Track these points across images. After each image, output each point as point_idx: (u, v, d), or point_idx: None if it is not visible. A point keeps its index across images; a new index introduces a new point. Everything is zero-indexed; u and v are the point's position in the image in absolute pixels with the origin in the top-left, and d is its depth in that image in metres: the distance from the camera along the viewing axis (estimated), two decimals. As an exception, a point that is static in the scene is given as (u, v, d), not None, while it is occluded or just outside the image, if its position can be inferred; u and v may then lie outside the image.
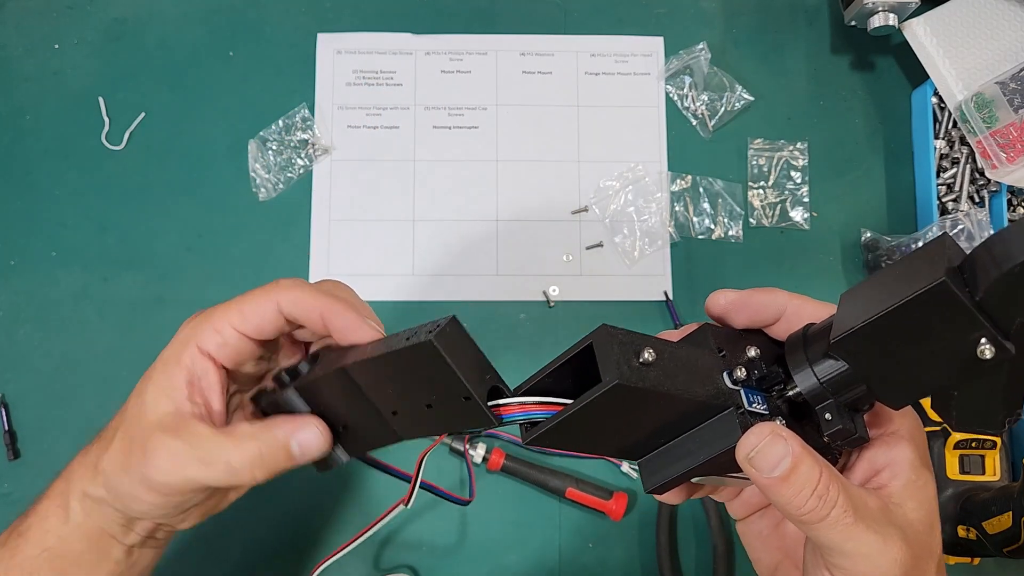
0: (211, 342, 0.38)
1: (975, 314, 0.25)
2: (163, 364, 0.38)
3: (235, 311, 0.38)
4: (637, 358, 0.30)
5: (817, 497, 0.29)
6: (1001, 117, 0.69)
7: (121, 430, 0.38)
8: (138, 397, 0.38)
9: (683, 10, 0.79)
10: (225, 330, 0.38)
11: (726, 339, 0.33)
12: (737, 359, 0.33)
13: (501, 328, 0.72)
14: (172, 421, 0.37)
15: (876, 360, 0.28)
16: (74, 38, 0.75)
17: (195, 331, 0.38)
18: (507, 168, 0.75)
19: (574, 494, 0.67)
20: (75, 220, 0.72)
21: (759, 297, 0.33)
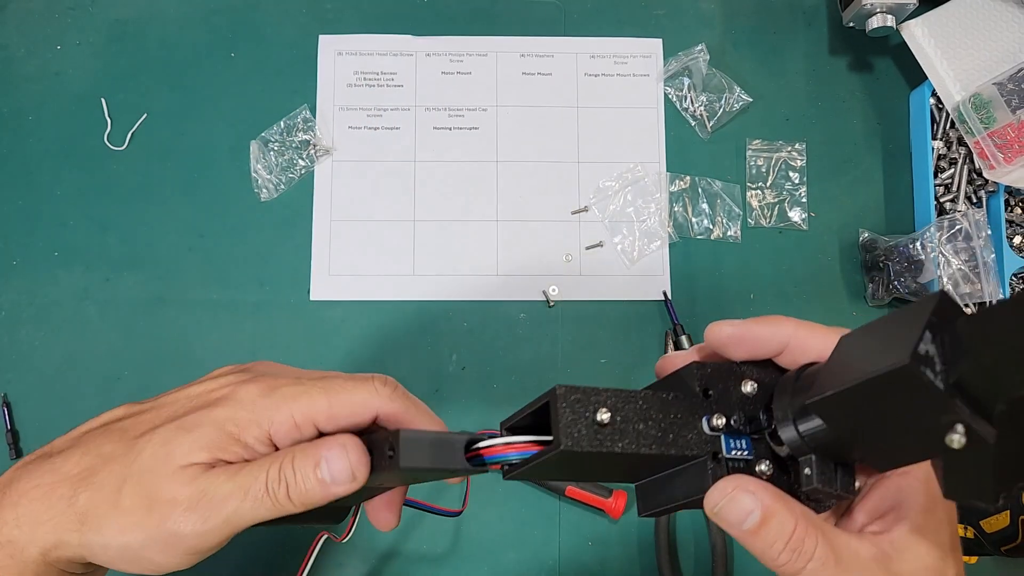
0: (287, 436, 0.33)
1: (945, 398, 0.23)
2: (215, 425, 0.32)
3: (324, 409, 0.33)
4: (592, 419, 0.29)
5: (791, 550, 0.28)
6: (999, 118, 0.69)
7: (132, 483, 0.31)
8: (162, 446, 0.32)
9: (682, 12, 0.79)
10: (306, 427, 0.33)
11: (719, 374, 0.32)
12: (728, 396, 0.31)
13: (501, 328, 0.72)
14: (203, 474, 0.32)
15: (854, 425, 0.27)
16: (76, 39, 0.75)
17: (271, 414, 0.32)
18: (507, 168, 0.75)
19: (574, 492, 0.67)
20: (77, 220, 0.73)
21: (758, 329, 0.31)
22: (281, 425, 0.32)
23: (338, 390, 0.33)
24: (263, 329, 0.71)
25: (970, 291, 0.70)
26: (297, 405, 0.32)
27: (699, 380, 0.31)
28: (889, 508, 0.30)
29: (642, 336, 0.73)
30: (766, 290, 0.74)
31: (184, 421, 0.32)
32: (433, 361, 0.72)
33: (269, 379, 0.34)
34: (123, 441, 0.33)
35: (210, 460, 0.32)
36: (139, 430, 0.33)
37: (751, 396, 0.31)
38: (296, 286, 0.72)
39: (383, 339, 0.72)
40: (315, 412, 0.33)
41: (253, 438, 0.32)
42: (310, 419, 0.32)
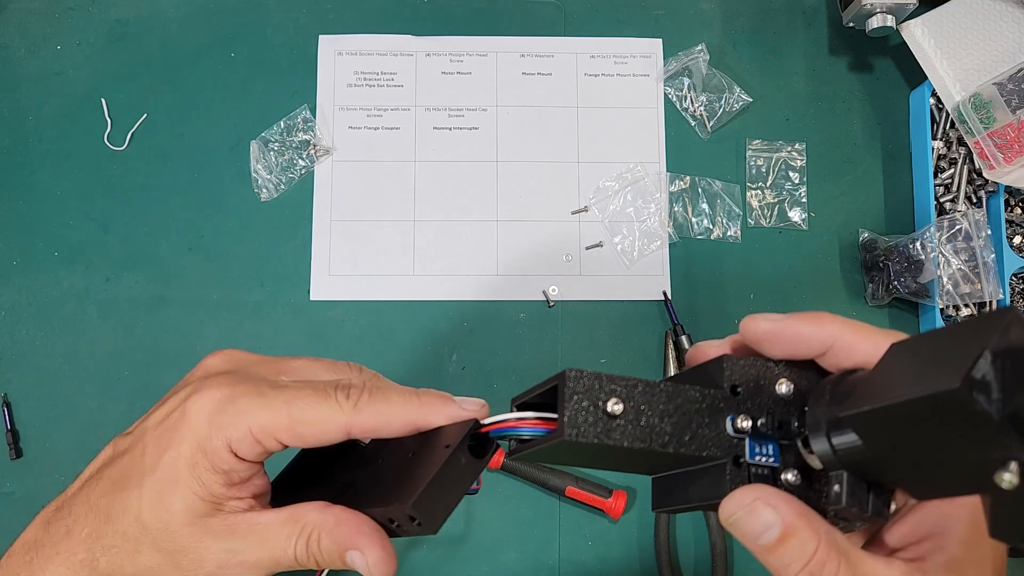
0: (251, 452, 0.31)
1: (998, 430, 0.20)
2: (189, 467, 0.31)
3: (285, 424, 0.31)
4: (602, 409, 0.27)
5: (808, 573, 0.26)
6: (999, 118, 0.69)
7: (150, 543, 0.31)
8: (159, 504, 0.31)
9: (682, 12, 0.79)
10: (267, 441, 0.31)
11: (752, 371, 0.29)
12: (760, 396, 0.29)
13: (501, 328, 0.72)
14: (221, 525, 0.31)
15: (892, 446, 0.24)
16: (76, 39, 0.76)
17: (228, 432, 0.31)
18: (507, 168, 0.75)
19: (574, 492, 0.67)
20: (77, 220, 0.73)
21: (800, 327, 0.28)
22: (240, 442, 0.31)
23: (302, 406, 0.31)
24: (263, 329, 0.71)
25: (970, 291, 0.70)
26: (255, 419, 0.31)
27: (728, 375, 0.29)
28: (927, 534, 0.28)
29: (642, 336, 0.73)
30: (766, 290, 0.74)
31: (161, 472, 0.31)
32: (433, 361, 0.72)
33: (223, 386, 0.32)
34: (112, 494, 0.32)
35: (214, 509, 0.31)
36: (122, 479, 0.32)
37: (786, 398, 0.28)
38: (296, 286, 0.72)
39: (383, 339, 0.72)
40: (276, 428, 0.31)
41: (226, 463, 0.31)
42: (270, 434, 0.31)
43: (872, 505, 0.27)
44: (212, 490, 0.31)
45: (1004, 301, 0.71)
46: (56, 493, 0.72)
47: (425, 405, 0.32)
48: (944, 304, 0.70)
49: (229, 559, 0.31)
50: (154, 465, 0.31)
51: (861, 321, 0.28)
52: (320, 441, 0.32)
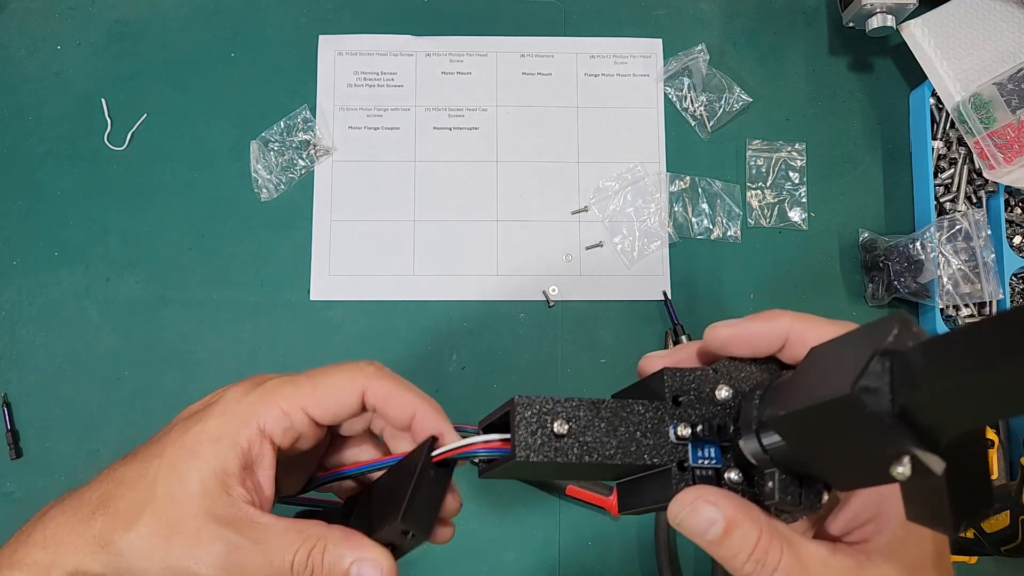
0: (277, 426, 0.33)
1: (888, 429, 0.22)
2: (212, 441, 0.32)
3: (308, 392, 0.33)
4: (549, 430, 0.30)
5: (755, 561, 0.28)
6: (999, 118, 0.69)
7: (152, 510, 0.31)
8: (173, 472, 0.32)
9: (682, 12, 0.79)
10: (295, 414, 0.33)
11: (692, 380, 0.31)
12: (701, 403, 0.31)
13: (501, 328, 0.72)
14: (226, 510, 0.31)
15: (811, 445, 0.26)
16: (76, 39, 0.76)
17: (257, 408, 0.33)
18: (507, 168, 0.75)
19: (574, 491, 0.67)
20: (77, 220, 0.73)
21: (755, 327, 0.31)
22: (269, 416, 0.33)
23: (323, 374, 0.34)
24: (263, 329, 0.71)
25: (970, 291, 0.70)
26: (282, 394, 0.33)
27: (669, 387, 0.31)
28: (868, 518, 0.30)
29: (642, 336, 0.73)
30: (766, 290, 0.74)
31: (185, 440, 0.33)
32: (433, 361, 0.72)
33: (257, 378, 0.34)
34: (132, 464, 0.33)
35: (225, 495, 0.32)
36: (147, 453, 0.33)
37: (726, 402, 0.31)
38: (296, 286, 0.72)
39: (383, 339, 0.72)
40: (301, 397, 0.33)
41: (247, 440, 0.32)
42: (297, 405, 0.33)
43: (804, 497, 0.29)
44: (228, 466, 0.32)
45: (1004, 301, 0.71)
46: (56, 493, 0.72)
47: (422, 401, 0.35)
48: (944, 304, 0.70)
49: (224, 554, 0.31)
50: (178, 438, 0.33)
51: (812, 314, 0.30)
52: (341, 406, 0.34)
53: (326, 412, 0.34)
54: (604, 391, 0.73)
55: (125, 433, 0.69)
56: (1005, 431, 0.71)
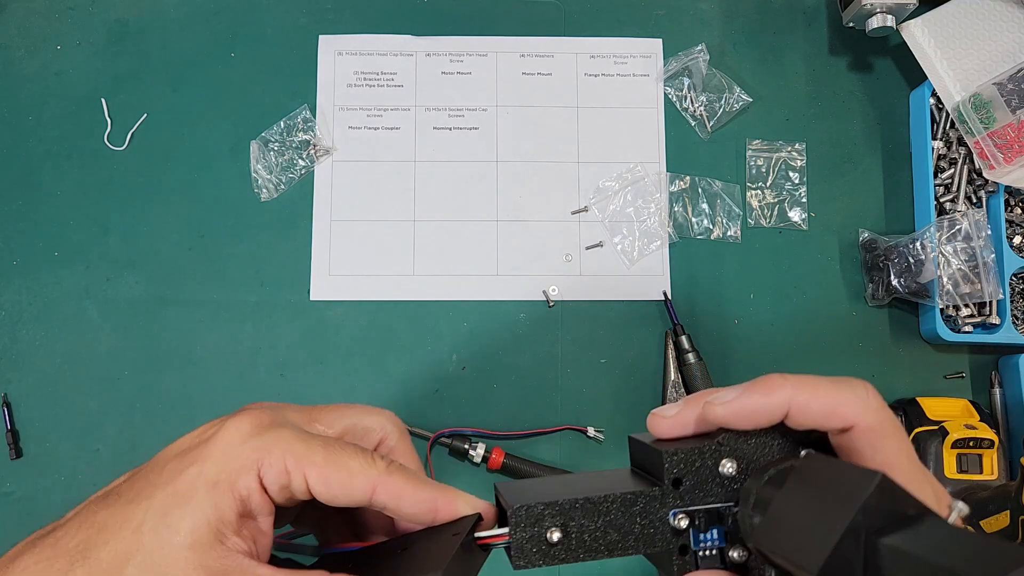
0: (276, 482, 0.30)
1: None
2: (209, 486, 0.29)
3: (320, 463, 0.30)
4: (544, 538, 0.29)
5: None
6: (999, 118, 0.69)
7: (137, 562, 0.29)
8: (163, 520, 0.29)
9: (682, 12, 0.79)
10: (296, 477, 0.30)
11: (694, 457, 0.30)
12: (705, 480, 0.30)
13: (501, 328, 0.72)
14: (219, 562, 0.29)
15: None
16: (76, 39, 0.76)
17: (262, 456, 0.30)
18: (507, 168, 0.75)
19: (574, 493, 0.67)
20: (77, 220, 0.73)
21: (753, 402, 0.29)
22: (271, 469, 0.30)
23: (338, 450, 0.31)
24: (263, 329, 0.71)
25: (970, 291, 0.70)
26: (291, 450, 0.30)
27: (669, 470, 0.30)
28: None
29: (642, 336, 0.73)
30: (766, 290, 0.74)
31: (178, 485, 0.29)
32: (433, 361, 0.72)
33: (262, 414, 0.31)
34: (116, 507, 0.30)
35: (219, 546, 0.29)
36: (132, 494, 0.30)
37: (731, 477, 0.30)
38: (296, 286, 0.72)
39: (383, 339, 0.72)
40: (309, 463, 0.30)
41: (246, 488, 0.29)
42: (302, 469, 0.30)
43: None
44: (224, 515, 0.29)
45: (1004, 301, 0.71)
46: (56, 493, 0.72)
47: (443, 491, 0.32)
48: (944, 304, 0.70)
49: None
50: (171, 479, 0.30)
51: (814, 377, 0.29)
52: (346, 492, 0.30)
53: (327, 491, 0.30)
54: (604, 391, 0.73)
55: (125, 433, 0.69)
56: (1005, 431, 0.71)
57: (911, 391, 0.72)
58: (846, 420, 0.28)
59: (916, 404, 0.70)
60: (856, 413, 0.28)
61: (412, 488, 0.31)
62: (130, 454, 0.69)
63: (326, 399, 0.70)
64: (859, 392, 0.29)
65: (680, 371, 0.71)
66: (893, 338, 0.74)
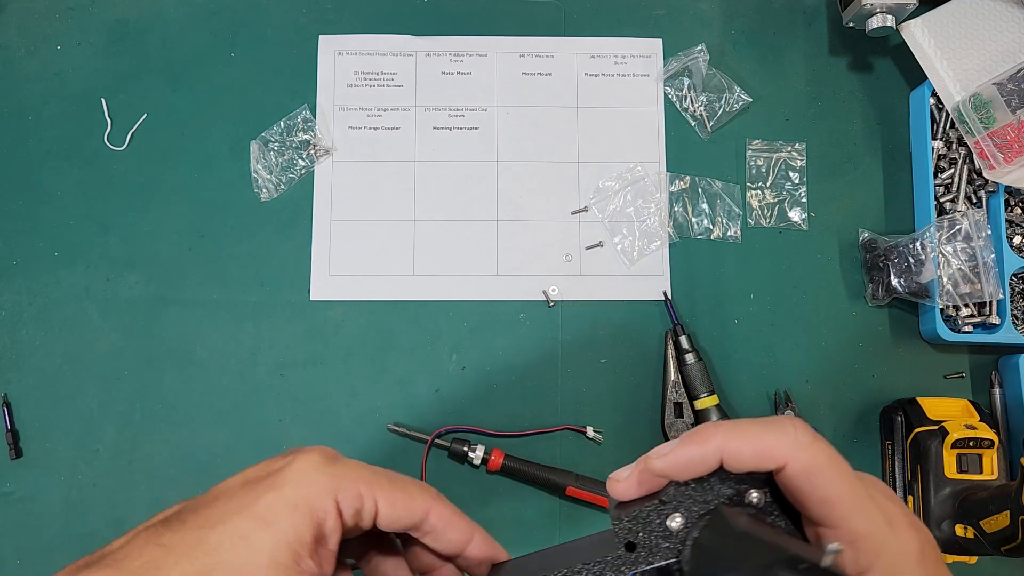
0: (351, 507, 0.32)
1: None
2: (290, 508, 0.30)
3: (386, 486, 0.33)
4: None
5: None
6: (999, 118, 0.69)
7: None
8: (243, 540, 0.30)
9: (682, 12, 0.79)
10: (368, 501, 0.32)
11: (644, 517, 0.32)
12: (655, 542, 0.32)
13: (501, 328, 0.72)
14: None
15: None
16: (76, 39, 0.76)
17: (339, 483, 0.32)
18: (507, 168, 0.75)
19: (575, 492, 0.67)
20: (77, 220, 0.73)
21: (689, 453, 0.31)
22: (348, 493, 0.32)
23: (400, 480, 0.34)
24: (263, 329, 0.71)
25: (970, 291, 0.70)
26: (362, 477, 0.33)
27: (619, 534, 0.32)
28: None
29: (642, 336, 0.73)
30: (766, 290, 0.74)
31: (257, 508, 0.30)
32: (433, 361, 0.72)
33: (327, 450, 0.33)
34: (183, 531, 0.30)
35: (293, 563, 0.30)
36: (201, 520, 0.31)
37: (680, 531, 0.31)
38: (296, 286, 0.72)
39: (383, 339, 0.72)
40: (378, 488, 0.33)
41: (324, 511, 0.31)
42: (372, 494, 0.33)
43: None
44: (302, 537, 0.30)
45: (1004, 301, 0.71)
46: (56, 493, 0.72)
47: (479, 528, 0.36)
48: (944, 304, 0.70)
49: None
50: (247, 505, 0.31)
51: (745, 421, 0.31)
52: (408, 513, 0.33)
53: (393, 511, 0.33)
54: (604, 391, 0.73)
55: (125, 433, 0.69)
56: (1005, 431, 0.71)
57: (911, 391, 0.72)
58: (777, 460, 0.30)
59: (916, 404, 0.70)
60: (785, 453, 0.29)
61: (458, 516, 0.35)
62: (130, 454, 0.69)
63: (326, 399, 0.70)
64: (787, 431, 0.30)
65: (680, 371, 0.71)
66: (893, 338, 0.74)
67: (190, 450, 0.69)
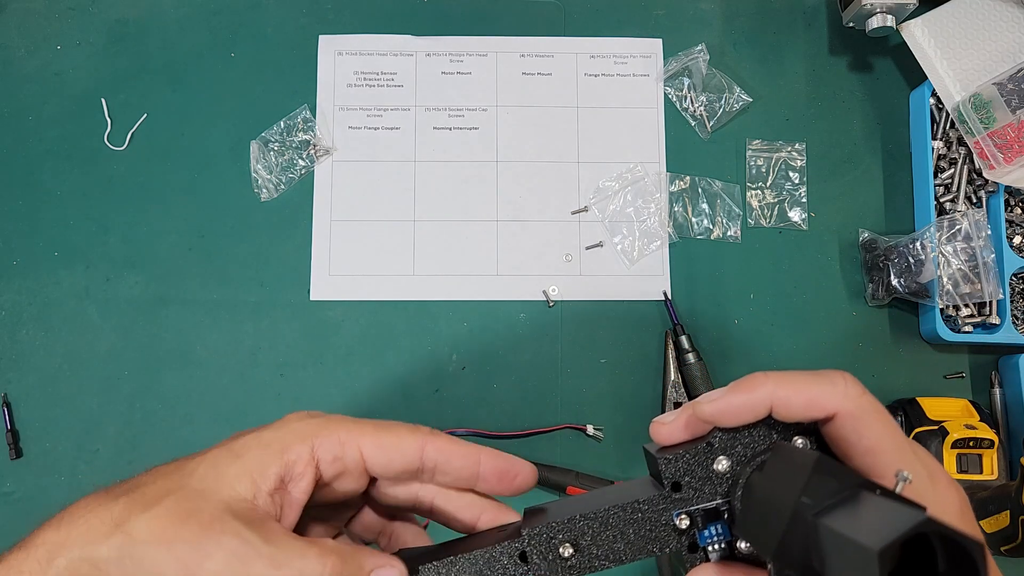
0: (328, 453, 0.33)
1: None
2: (262, 446, 0.32)
3: (371, 432, 0.33)
4: (557, 555, 0.32)
5: None
6: (999, 118, 0.69)
7: (175, 496, 0.31)
8: (212, 468, 0.32)
9: (682, 12, 0.79)
10: (350, 448, 0.33)
11: (690, 458, 0.32)
12: (702, 482, 0.32)
13: (501, 328, 0.72)
14: (246, 509, 0.31)
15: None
16: (76, 39, 0.76)
17: (316, 430, 0.33)
18: (507, 168, 0.75)
19: (575, 491, 0.67)
20: (77, 220, 0.73)
21: (738, 400, 0.31)
22: (325, 440, 0.33)
23: (387, 424, 0.34)
24: (263, 329, 0.71)
25: (970, 291, 0.70)
26: (344, 426, 0.33)
27: (666, 475, 0.32)
28: None
29: (642, 336, 0.73)
30: (766, 290, 0.74)
31: (234, 445, 0.33)
32: (433, 361, 0.72)
33: (328, 416, 0.34)
34: (175, 463, 0.33)
35: (250, 497, 0.31)
36: (195, 455, 0.33)
37: (726, 474, 0.31)
38: (296, 286, 0.72)
39: (383, 339, 0.72)
40: (362, 434, 0.33)
41: (295, 453, 0.32)
42: (356, 441, 0.33)
43: None
44: (265, 470, 0.32)
45: (1004, 301, 0.71)
46: (56, 493, 0.72)
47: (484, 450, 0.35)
48: (944, 304, 0.70)
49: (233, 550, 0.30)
50: (228, 443, 0.33)
51: (795, 372, 0.31)
52: (399, 453, 0.33)
53: (382, 453, 0.33)
54: (604, 391, 0.73)
55: (125, 433, 0.69)
56: (1005, 431, 0.71)
57: (911, 391, 0.72)
58: (826, 410, 0.30)
59: (916, 404, 0.70)
60: (835, 403, 0.30)
61: (456, 443, 0.34)
62: (130, 454, 0.69)
63: (326, 399, 0.70)
64: (837, 382, 0.30)
65: (680, 371, 0.71)
66: (893, 338, 0.74)
67: (190, 450, 0.69)
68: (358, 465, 0.33)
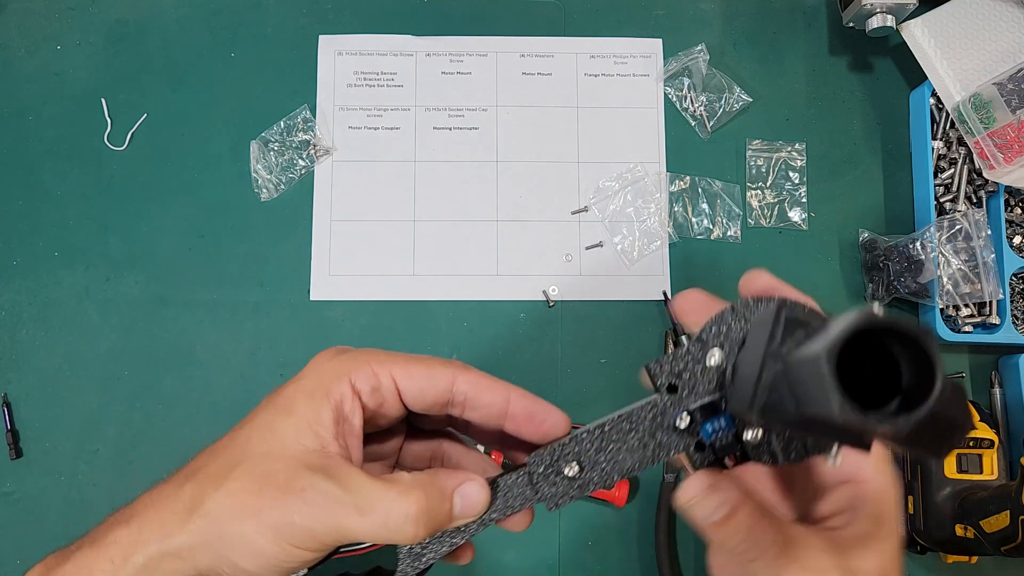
0: (366, 384, 0.33)
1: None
2: (307, 395, 0.32)
3: (402, 364, 0.33)
4: (563, 475, 0.32)
5: (751, 540, 0.31)
6: (999, 118, 0.69)
7: (244, 466, 0.31)
8: (268, 430, 0.32)
9: (682, 12, 0.79)
10: (384, 377, 0.33)
11: (682, 358, 0.32)
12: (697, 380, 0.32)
13: (501, 328, 0.72)
14: (320, 460, 0.31)
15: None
16: (76, 39, 0.76)
17: (349, 365, 0.33)
18: (507, 168, 0.75)
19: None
20: (77, 220, 0.73)
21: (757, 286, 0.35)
22: (360, 373, 0.33)
23: (420, 359, 0.34)
24: (263, 329, 0.71)
25: (970, 291, 0.70)
26: (375, 357, 0.33)
27: (656, 379, 0.32)
28: (841, 510, 0.33)
29: (642, 336, 0.73)
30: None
31: (278, 400, 0.32)
32: (433, 361, 0.72)
33: (356, 350, 0.34)
34: (223, 440, 0.33)
35: (319, 448, 0.31)
36: (241, 424, 0.33)
37: (720, 366, 0.31)
38: (296, 286, 0.72)
39: (383, 339, 0.72)
40: (393, 364, 0.33)
41: (339, 393, 0.32)
42: (388, 371, 0.33)
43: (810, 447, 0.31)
44: (322, 418, 0.31)
45: (1004, 301, 0.71)
46: (56, 493, 0.72)
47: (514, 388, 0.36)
48: (944, 304, 0.70)
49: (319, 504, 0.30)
50: (271, 401, 0.33)
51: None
52: (431, 383, 0.34)
53: (414, 383, 0.33)
54: (604, 391, 0.73)
55: (125, 433, 0.69)
56: (1005, 431, 0.71)
57: (911, 391, 0.72)
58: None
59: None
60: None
61: (487, 378, 0.35)
62: (130, 454, 0.69)
63: (326, 399, 0.70)
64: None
65: (680, 371, 0.71)
66: (893, 338, 0.74)
67: (190, 450, 0.69)
68: (393, 393, 0.34)
